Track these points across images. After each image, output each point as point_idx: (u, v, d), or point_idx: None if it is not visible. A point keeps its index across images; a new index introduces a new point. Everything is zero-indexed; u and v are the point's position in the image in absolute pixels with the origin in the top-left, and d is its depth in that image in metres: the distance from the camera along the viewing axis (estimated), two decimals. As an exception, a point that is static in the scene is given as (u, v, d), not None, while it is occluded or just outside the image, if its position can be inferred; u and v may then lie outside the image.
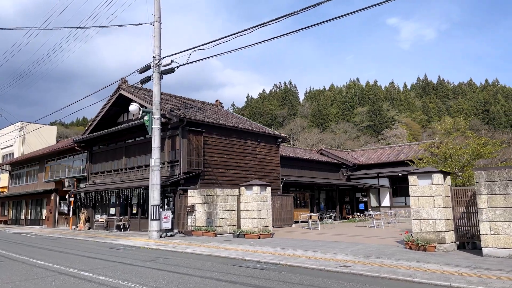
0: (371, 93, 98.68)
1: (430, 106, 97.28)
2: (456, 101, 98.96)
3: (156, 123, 17.22)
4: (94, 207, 24.30)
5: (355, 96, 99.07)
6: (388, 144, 66.38)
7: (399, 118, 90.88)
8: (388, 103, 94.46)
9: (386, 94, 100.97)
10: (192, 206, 17.67)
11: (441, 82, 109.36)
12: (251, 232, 15.61)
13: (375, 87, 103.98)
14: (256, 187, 16.04)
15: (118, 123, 24.91)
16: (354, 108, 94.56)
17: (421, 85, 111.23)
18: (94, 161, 25.17)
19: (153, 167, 16.92)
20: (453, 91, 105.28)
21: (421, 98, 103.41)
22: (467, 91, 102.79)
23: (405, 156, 34.28)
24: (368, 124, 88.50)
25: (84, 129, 23.98)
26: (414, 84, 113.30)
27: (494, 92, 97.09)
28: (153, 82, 17.54)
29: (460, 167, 14.62)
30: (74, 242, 16.55)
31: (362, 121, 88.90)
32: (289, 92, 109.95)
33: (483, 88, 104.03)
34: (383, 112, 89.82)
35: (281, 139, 24.67)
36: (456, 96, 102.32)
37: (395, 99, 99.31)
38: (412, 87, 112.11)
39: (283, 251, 11.65)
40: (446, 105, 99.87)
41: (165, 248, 13.28)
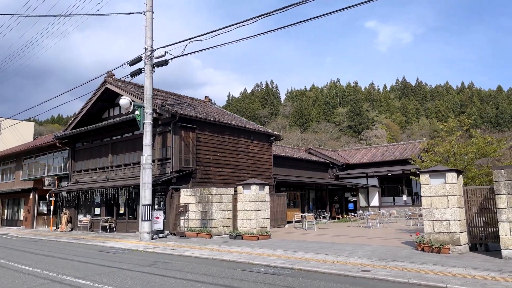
0: (352, 94, 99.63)
1: (408, 108, 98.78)
2: (434, 103, 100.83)
3: (148, 118, 16.28)
4: (77, 207, 23.07)
5: (336, 97, 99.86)
6: (369, 145, 66.82)
7: (379, 119, 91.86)
8: (368, 104, 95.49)
9: (366, 95, 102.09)
10: (185, 206, 16.81)
11: (419, 84, 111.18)
12: (249, 233, 14.89)
13: (356, 88, 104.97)
14: (254, 186, 15.32)
15: (103, 119, 23.75)
16: (335, 108, 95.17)
17: (400, 86, 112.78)
18: (77, 158, 23.92)
19: (145, 165, 15.98)
20: (430, 93, 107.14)
21: (400, 99, 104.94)
22: (444, 94, 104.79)
23: (393, 156, 34.23)
24: (349, 124, 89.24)
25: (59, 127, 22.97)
26: (394, 86, 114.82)
27: (469, 95, 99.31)
28: (144, 75, 16.59)
29: (463, 166, 14.29)
30: (58, 245, 15.44)
31: (343, 121, 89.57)
32: (271, 91, 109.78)
33: (459, 90, 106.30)
34: (364, 113, 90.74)
35: (274, 137, 24.02)
36: (433, 98, 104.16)
37: (375, 100, 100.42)
38: (392, 88, 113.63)
39: (290, 253, 10.98)
40: (424, 107, 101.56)
41: (160, 251, 12.41)
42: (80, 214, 22.93)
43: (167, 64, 16.07)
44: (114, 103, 23.21)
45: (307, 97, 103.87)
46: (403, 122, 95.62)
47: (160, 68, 16.52)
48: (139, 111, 16.14)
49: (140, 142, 19.59)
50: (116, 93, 22.35)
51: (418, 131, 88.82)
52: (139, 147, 19.72)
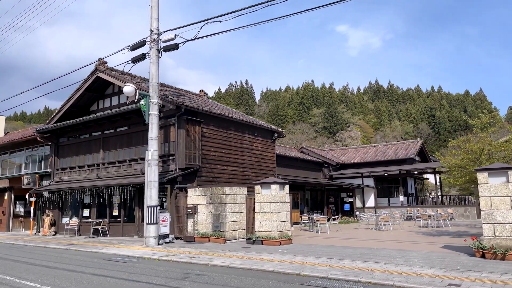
0: (327, 96, 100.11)
1: (381, 110, 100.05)
2: (405, 106, 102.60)
3: (154, 108, 14.52)
4: (61, 208, 20.84)
5: (311, 98, 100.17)
6: (345, 145, 66.78)
7: (354, 120, 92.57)
8: (343, 106, 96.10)
9: (340, 97, 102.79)
10: (194, 208, 15.14)
11: (391, 87, 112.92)
12: (270, 238, 13.42)
13: (331, 89, 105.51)
14: (275, 185, 13.87)
15: (91, 112, 21.63)
16: (310, 109, 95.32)
17: (372, 89, 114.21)
18: (61, 155, 21.66)
19: (150, 161, 14.22)
20: (402, 96, 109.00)
21: (373, 101, 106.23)
22: (415, 97, 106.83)
23: (389, 156, 33.59)
24: (324, 125, 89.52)
25: (23, 124, 20.64)
26: (367, 88, 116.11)
27: (439, 99, 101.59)
28: (150, 61, 14.81)
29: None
30: (51, 252, 13.43)
31: (319, 122, 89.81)
32: (245, 91, 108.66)
33: (428, 94, 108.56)
34: (339, 114, 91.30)
35: (277, 134, 22.63)
36: (405, 101, 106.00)
37: (349, 102, 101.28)
38: (365, 90, 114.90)
39: (337, 262, 9.61)
40: (396, 109, 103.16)
41: (179, 259, 10.76)
42: (65, 216, 20.72)
43: (177, 49, 14.35)
44: (104, 94, 21.17)
45: (283, 97, 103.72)
46: (377, 124, 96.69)
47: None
48: (144, 100, 14.35)
49: (138, 136, 17.79)
50: (108, 83, 20.37)
51: (391, 133, 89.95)
52: (136, 142, 17.90)
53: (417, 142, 34.35)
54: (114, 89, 20.77)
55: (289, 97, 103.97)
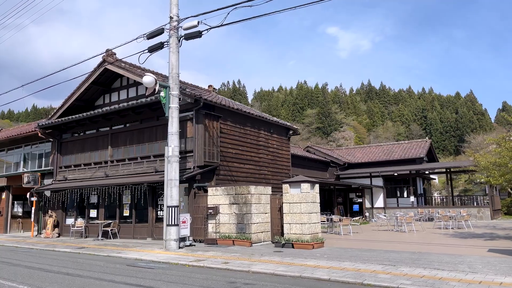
0: (320, 96, 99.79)
1: (374, 111, 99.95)
2: (397, 107, 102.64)
3: (174, 101, 13.44)
4: (64, 208, 19.60)
5: (304, 98, 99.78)
6: (339, 146, 66.13)
7: (347, 121, 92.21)
8: (336, 106, 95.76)
9: (333, 98, 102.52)
10: (215, 208, 14.10)
11: (383, 88, 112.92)
12: (301, 241, 12.45)
13: (324, 90, 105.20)
14: (305, 184, 12.91)
15: (96, 106, 20.45)
16: (304, 110, 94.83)
17: (365, 90, 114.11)
18: (65, 152, 20.41)
19: (171, 158, 13.15)
20: (394, 97, 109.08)
21: (366, 102, 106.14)
22: (407, 98, 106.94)
23: (397, 155, 32.88)
24: (318, 126, 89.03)
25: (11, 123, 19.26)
26: (359, 89, 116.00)
27: (430, 100, 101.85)
28: (169, 50, 13.74)
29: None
30: (62, 256, 12.26)
31: (312, 122, 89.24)
32: (238, 91, 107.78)
33: (420, 95, 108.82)
34: (332, 114, 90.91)
35: (292, 131, 21.67)
36: (397, 102, 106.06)
37: (342, 102, 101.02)
38: (357, 91, 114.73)
39: (394, 269, 8.67)
40: (388, 110, 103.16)
41: (211, 264, 9.73)
42: (69, 217, 19.49)
43: (200, 37, 13.28)
44: (111, 87, 20.00)
45: (276, 97, 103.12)
46: (369, 124, 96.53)
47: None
48: (164, 92, 13.28)
49: (150, 132, 16.75)
50: (116, 76, 19.27)
51: (383, 133, 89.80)
52: (149, 138, 16.83)
53: (425, 142, 33.69)
54: (122, 82, 19.62)
55: (282, 97, 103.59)
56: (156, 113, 16.84)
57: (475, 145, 59.34)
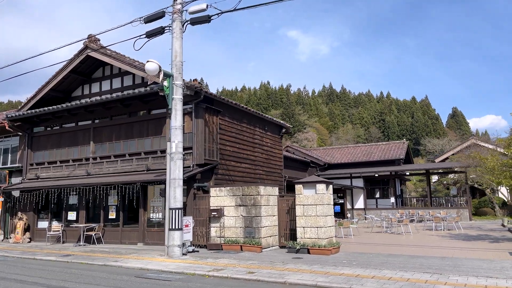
0: (284, 97, 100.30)
1: (335, 113, 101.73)
2: (357, 110, 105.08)
3: (178, 92, 12.14)
4: (36, 210, 17.58)
5: (268, 99, 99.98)
6: (303, 146, 66.36)
7: (310, 122, 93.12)
8: (300, 108, 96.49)
9: (297, 99, 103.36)
10: (220, 210, 12.92)
11: (344, 91, 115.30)
12: (318, 246, 11.57)
13: (287, 91, 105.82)
14: (321, 185, 12.05)
15: (73, 98, 18.58)
16: (268, 110, 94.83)
17: (326, 92, 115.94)
18: (37, 147, 18.35)
19: (174, 154, 11.83)
20: (354, 101, 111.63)
21: (327, 105, 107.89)
22: (366, 101, 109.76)
23: (377, 156, 32.90)
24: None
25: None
26: (321, 91, 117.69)
27: (388, 104, 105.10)
28: (172, 35, 12.41)
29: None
30: (51, 266, 10.61)
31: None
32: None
33: (378, 99, 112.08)
34: (296, 116, 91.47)
35: (285, 129, 20.81)
36: (357, 105, 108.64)
37: (305, 104, 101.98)
38: (319, 94, 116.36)
39: (446, 278, 7.97)
40: (348, 113, 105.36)
41: (236, 275, 8.62)
42: (42, 219, 17.50)
43: (209, 21, 12.06)
44: (91, 77, 18.22)
45: (239, 97, 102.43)
46: (331, 126, 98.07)
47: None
48: (167, 82, 11.95)
49: (140, 126, 15.39)
50: (97, 65, 17.63)
51: (344, 135, 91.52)
52: (139, 133, 15.40)
53: (403, 143, 34.02)
54: (105, 72, 17.92)
55: (246, 97, 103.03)
56: (148, 106, 15.39)
57: (430, 148, 61.50)
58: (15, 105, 70.64)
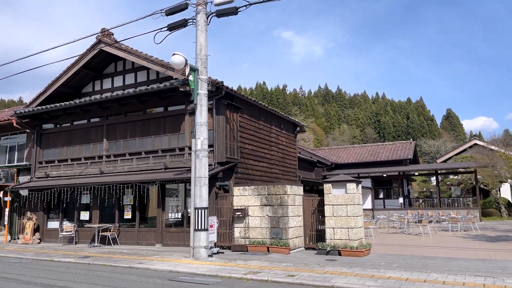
0: (280, 97, 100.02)
1: (331, 114, 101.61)
2: (353, 111, 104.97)
3: (203, 87, 11.66)
4: (46, 210, 16.98)
5: (264, 99, 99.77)
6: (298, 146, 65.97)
7: (306, 123, 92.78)
8: (296, 108, 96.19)
9: (293, 99, 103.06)
10: (244, 210, 12.45)
11: (340, 92, 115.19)
12: (349, 247, 11.16)
13: (284, 92, 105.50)
14: (352, 184, 11.65)
15: (83, 94, 18.02)
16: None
17: (322, 93, 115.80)
18: (46, 144, 17.75)
19: (199, 152, 11.35)
20: (349, 101, 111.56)
21: (323, 105, 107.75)
22: (362, 102, 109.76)
23: (384, 156, 32.58)
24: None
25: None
26: (317, 92, 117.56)
27: (384, 105, 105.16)
28: (196, 28, 11.93)
29: None
30: (73, 269, 10.06)
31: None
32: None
33: (374, 100, 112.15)
34: (292, 116, 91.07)
35: (299, 127, 20.39)
36: (352, 106, 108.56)
37: (302, 104, 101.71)
38: (315, 94, 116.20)
39: (494, 281, 7.59)
40: (344, 114, 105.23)
41: (276, 278, 8.17)
42: (52, 220, 16.91)
43: (236, 14, 11.60)
44: (103, 73, 17.67)
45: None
46: (327, 127, 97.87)
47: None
48: (193, 76, 11.46)
49: (157, 123, 14.90)
50: (110, 59, 17.08)
51: (340, 136, 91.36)
52: (155, 130, 14.92)
53: (410, 143, 33.75)
54: (117, 67, 17.38)
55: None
56: (165, 102, 14.88)
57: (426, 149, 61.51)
58: (7, 104, 69.51)
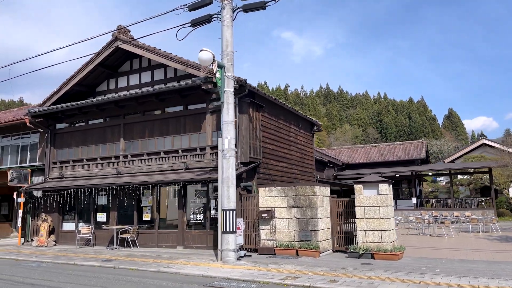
0: (282, 97, 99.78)
1: (333, 113, 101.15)
2: (355, 110, 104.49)
3: (230, 84, 11.27)
4: (61, 211, 16.59)
5: None
6: None
7: None
8: (298, 108, 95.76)
9: (295, 99, 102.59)
10: (270, 212, 12.06)
11: (341, 92, 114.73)
12: (383, 250, 10.76)
13: (285, 91, 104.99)
14: (384, 185, 11.26)
15: (97, 93, 17.64)
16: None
17: (323, 93, 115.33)
18: (60, 144, 17.36)
19: (226, 151, 10.97)
20: (351, 101, 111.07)
21: (325, 105, 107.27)
22: (364, 102, 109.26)
23: (396, 156, 32.18)
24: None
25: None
26: (318, 92, 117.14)
27: (385, 105, 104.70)
28: (222, 24, 11.54)
29: None
30: (99, 273, 9.66)
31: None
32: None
33: (375, 100, 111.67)
34: None
35: (316, 127, 19.98)
36: (354, 105, 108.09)
37: (303, 104, 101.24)
38: (317, 94, 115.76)
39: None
40: (346, 113, 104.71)
41: (318, 284, 7.78)
42: (67, 221, 16.51)
43: (264, 8, 11.22)
44: (118, 71, 17.28)
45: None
46: (329, 127, 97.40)
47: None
48: (219, 73, 11.07)
49: (176, 122, 14.56)
50: (126, 57, 16.67)
51: (342, 136, 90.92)
52: (175, 129, 14.58)
53: (422, 143, 33.36)
54: (132, 65, 16.99)
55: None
56: (185, 101, 14.48)
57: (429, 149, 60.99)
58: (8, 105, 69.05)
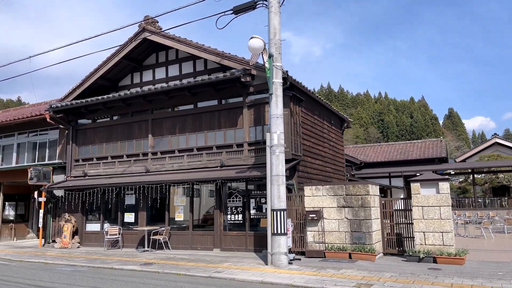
0: None
1: None
2: (356, 110, 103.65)
3: (278, 75, 10.49)
4: (84, 211, 15.79)
5: None
6: None
7: None
8: None
9: None
10: (318, 212, 11.27)
11: (342, 91, 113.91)
12: (446, 254, 9.99)
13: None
14: (444, 183, 10.50)
15: (121, 87, 16.84)
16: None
17: (324, 92, 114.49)
18: (82, 141, 16.56)
19: (275, 147, 10.18)
20: (352, 101, 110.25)
21: None
22: (365, 102, 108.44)
23: (415, 154, 31.45)
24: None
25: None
26: (319, 91, 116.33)
27: (387, 104, 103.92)
28: (269, 10, 10.75)
29: None
30: (146, 278, 8.85)
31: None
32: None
33: (377, 99, 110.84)
34: None
35: (346, 123, 19.22)
36: (355, 105, 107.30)
37: None
38: (318, 93, 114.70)
39: None
40: (347, 113, 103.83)
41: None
42: (90, 222, 15.72)
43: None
44: (142, 65, 16.49)
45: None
46: None
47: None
48: (268, 63, 10.28)
49: (210, 117, 13.80)
50: (151, 50, 15.87)
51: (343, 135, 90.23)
52: (208, 125, 13.82)
53: (441, 141, 32.64)
54: (158, 58, 16.19)
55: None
56: (220, 94, 13.69)
57: None
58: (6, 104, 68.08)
